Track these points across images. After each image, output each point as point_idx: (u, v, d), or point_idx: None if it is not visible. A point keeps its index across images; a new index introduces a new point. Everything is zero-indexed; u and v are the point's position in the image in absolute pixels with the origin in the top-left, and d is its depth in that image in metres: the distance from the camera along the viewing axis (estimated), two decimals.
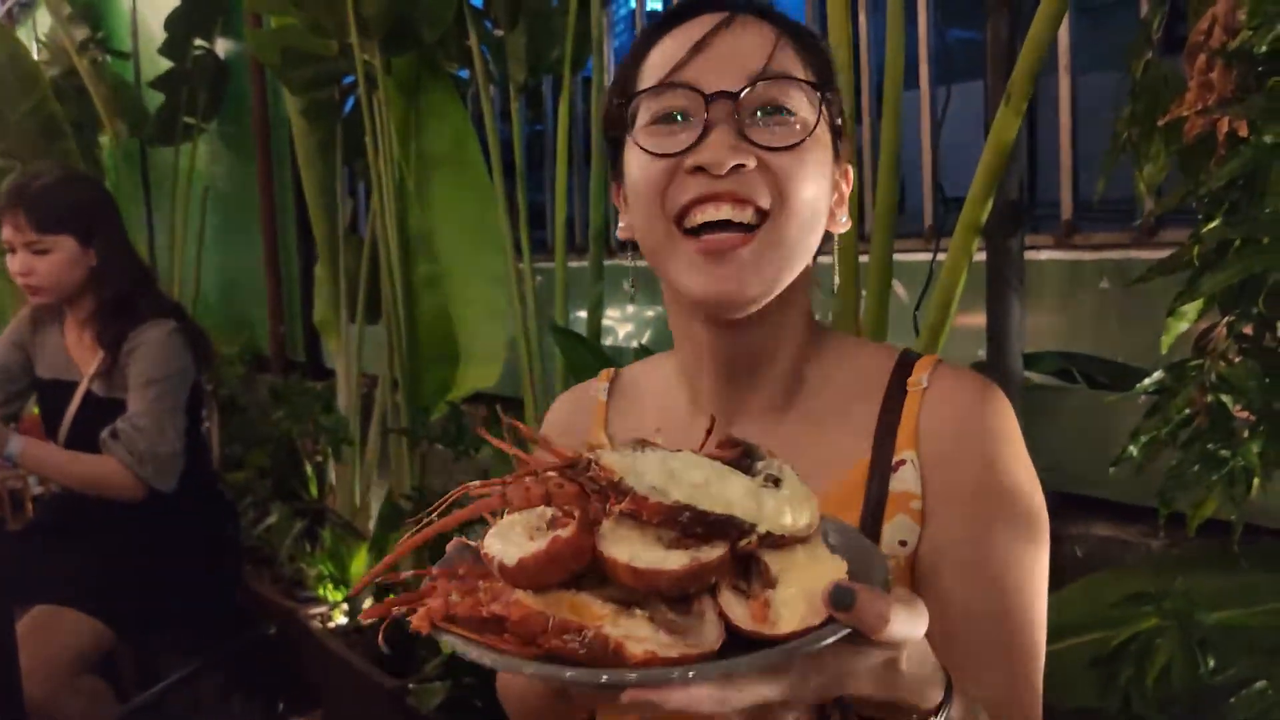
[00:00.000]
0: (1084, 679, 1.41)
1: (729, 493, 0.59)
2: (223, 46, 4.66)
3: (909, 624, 0.58)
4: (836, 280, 0.97)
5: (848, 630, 0.56)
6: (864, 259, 1.74)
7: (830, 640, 0.55)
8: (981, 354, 1.81)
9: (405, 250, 3.17)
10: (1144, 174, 1.45)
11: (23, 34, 6.16)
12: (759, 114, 0.83)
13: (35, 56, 5.21)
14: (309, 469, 3.81)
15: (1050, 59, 2.02)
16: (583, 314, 2.80)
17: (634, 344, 3.19)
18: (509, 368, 3.02)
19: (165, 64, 4.54)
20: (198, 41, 4.51)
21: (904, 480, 0.86)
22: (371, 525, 3.25)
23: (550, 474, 0.61)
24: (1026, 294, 1.82)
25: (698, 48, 0.83)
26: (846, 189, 0.92)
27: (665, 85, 0.84)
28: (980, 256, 1.74)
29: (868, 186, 2.37)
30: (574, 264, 2.84)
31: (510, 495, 0.61)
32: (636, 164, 0.86)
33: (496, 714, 0.96)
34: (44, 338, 2.49)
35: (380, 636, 0.67)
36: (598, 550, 0.58)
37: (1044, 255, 2.12)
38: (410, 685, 2.43)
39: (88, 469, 2.28)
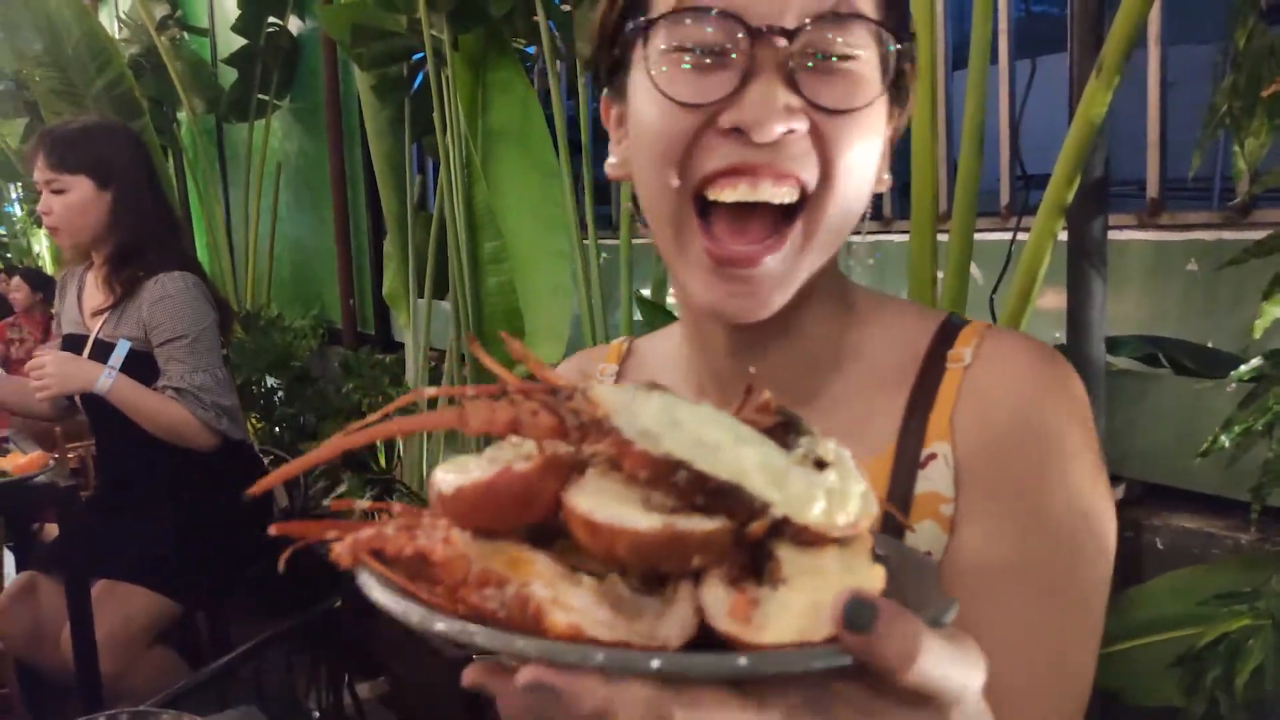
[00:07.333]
0: (1166, 677, 1.36)
1: (744, 460, 0.44)
2: (295, 25, 4.73)
3: (954, 668, 0.41)
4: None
5: (848, 660, 0.39)
6: (942, 238, 1.69)
7: (819, 665, 0.39)
8: (1060, 337, 1.75)
9: (471, 226, 3.19)
10: (1244, 149, 1.38)
11: (105, 13, 6.32)
12: (811, 60, 0.62)
13: (116, 35, 5.34)
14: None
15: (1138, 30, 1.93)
16: (647, 292, 2.78)
17: None
18: (573, 345, 3.02)
19: (240, 41, 4.62)
20: (271, 19, 4.58)
21: (933, 479, 0.68)
22: None
23: (521, 397, 0.48)
24: (1108, 276, 1.75)
25: None
26: (897, 133, 0.72)
27: (692, 9, 0.62)
28: (1060, 236, 1.67)
29: (943, 163, 2.31)
30: (639, 241, 2.82)
31: (469, 414, 0.47)
32: (654, 110, 0.64)
33: None
34: (66, 299, 2.53)
35: (281, 562, 0.52)
36: (561, 500, 0.45)
37: (1125, 235, 2.03)
38: (475, 656, 2.45)
39: (174, 416, 2.27)
